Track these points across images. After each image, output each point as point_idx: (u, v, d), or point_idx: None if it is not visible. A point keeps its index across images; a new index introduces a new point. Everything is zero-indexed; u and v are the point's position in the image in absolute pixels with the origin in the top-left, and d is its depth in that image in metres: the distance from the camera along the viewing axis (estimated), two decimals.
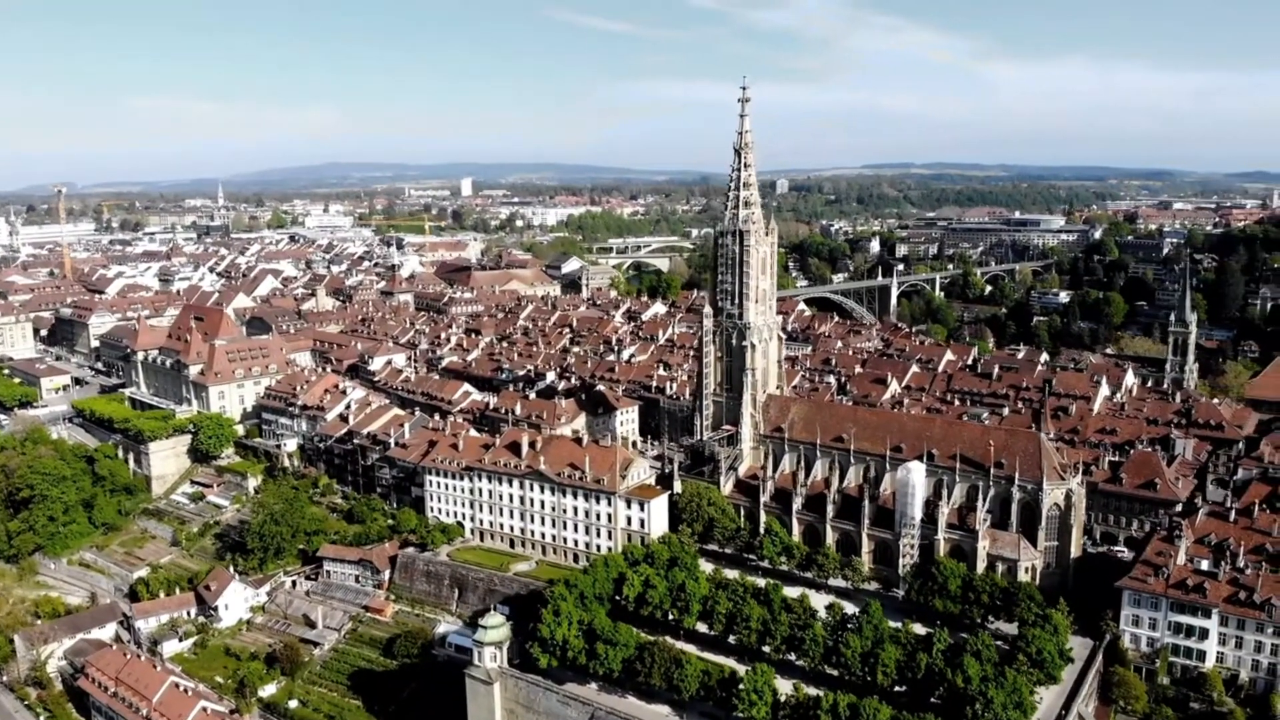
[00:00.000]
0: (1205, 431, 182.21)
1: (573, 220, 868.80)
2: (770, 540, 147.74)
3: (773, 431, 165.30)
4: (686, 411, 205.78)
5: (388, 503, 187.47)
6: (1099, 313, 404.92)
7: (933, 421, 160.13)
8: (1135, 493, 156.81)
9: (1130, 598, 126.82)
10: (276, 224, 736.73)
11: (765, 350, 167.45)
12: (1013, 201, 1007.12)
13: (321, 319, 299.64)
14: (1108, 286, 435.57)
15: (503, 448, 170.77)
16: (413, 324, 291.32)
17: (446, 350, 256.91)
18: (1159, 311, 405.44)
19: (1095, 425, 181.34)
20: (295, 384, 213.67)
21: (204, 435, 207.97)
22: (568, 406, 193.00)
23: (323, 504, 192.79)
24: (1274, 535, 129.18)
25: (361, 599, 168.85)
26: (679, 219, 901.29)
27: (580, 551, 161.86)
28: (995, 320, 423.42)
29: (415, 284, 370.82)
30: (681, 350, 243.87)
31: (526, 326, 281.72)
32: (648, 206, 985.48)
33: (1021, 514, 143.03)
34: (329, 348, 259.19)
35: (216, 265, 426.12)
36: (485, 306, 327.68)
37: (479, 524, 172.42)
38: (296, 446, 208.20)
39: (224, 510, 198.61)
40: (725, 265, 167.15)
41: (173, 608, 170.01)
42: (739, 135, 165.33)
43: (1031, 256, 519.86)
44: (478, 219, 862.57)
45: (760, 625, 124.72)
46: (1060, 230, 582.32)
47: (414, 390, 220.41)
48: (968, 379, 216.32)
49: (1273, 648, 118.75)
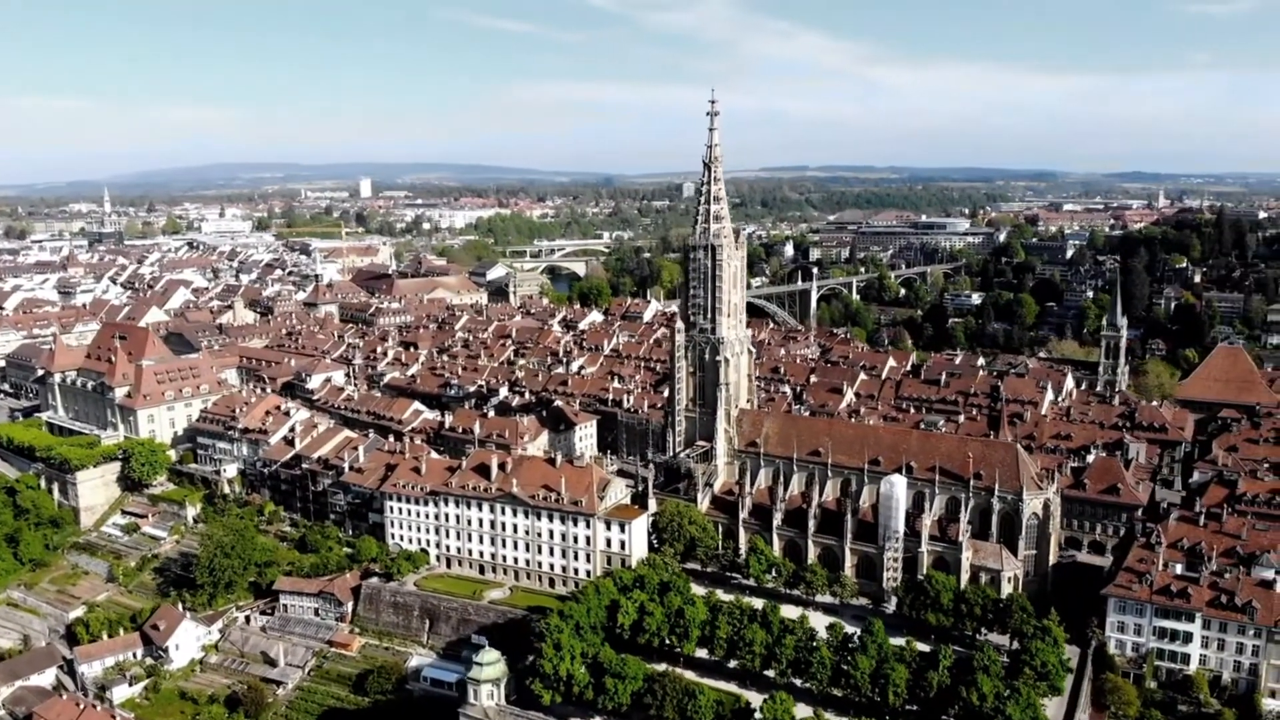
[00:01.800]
0: (1150, 434, 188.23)
1: (482, 223, 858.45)
2: (756, 558, 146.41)
3: (747, 446, 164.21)
4: (645, 425, 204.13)
5: (343, 530, 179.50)
6: (1012, 314, 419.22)
7: (909, 434, 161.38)
8: (1099, 498, 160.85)
9: (1116, 605, 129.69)
10: (172, 230, 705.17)
11: (737, 364, 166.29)
12: (909, 204, 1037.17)
13: (244, 333, 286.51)
14: (1017, 288, 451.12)
15: (470, 470, 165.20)
16: (341, 337, 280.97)
17: (384, 365, 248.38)
18: (1068, 312, 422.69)
19: (1050, 431, 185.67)
20: (233, 405, 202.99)
21: (136, 462, 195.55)
22: (530, 424, 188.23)
23: (270, 533, 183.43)
24: (1243, 538, 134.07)
25: (323, 633, 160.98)
26: (590, 221, 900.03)
27: (557, 576, 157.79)
28: (912, 322, 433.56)
29: (336, 293, 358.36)
30: (633, 361, 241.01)
31: (466, 338, 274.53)
32: (557, 209, 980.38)
33: (1001, 524, 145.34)
34: (259, 365, 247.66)
35: (118, 276, 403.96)
36: (415, 317, 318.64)
37: (445, 550, 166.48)
38: (237, 472, 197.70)
39: (162, 542, 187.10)
40: (697, 280, 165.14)
41: (118, 649, 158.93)
42: (707, 149, 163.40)
43: (940, 259, 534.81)
44: (382, 221, 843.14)
45: (764, 649, 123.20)
46: (966, 233, 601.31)
47: (359, 409, 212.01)
48: (916, 386, 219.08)
49: (1254, 649, 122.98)
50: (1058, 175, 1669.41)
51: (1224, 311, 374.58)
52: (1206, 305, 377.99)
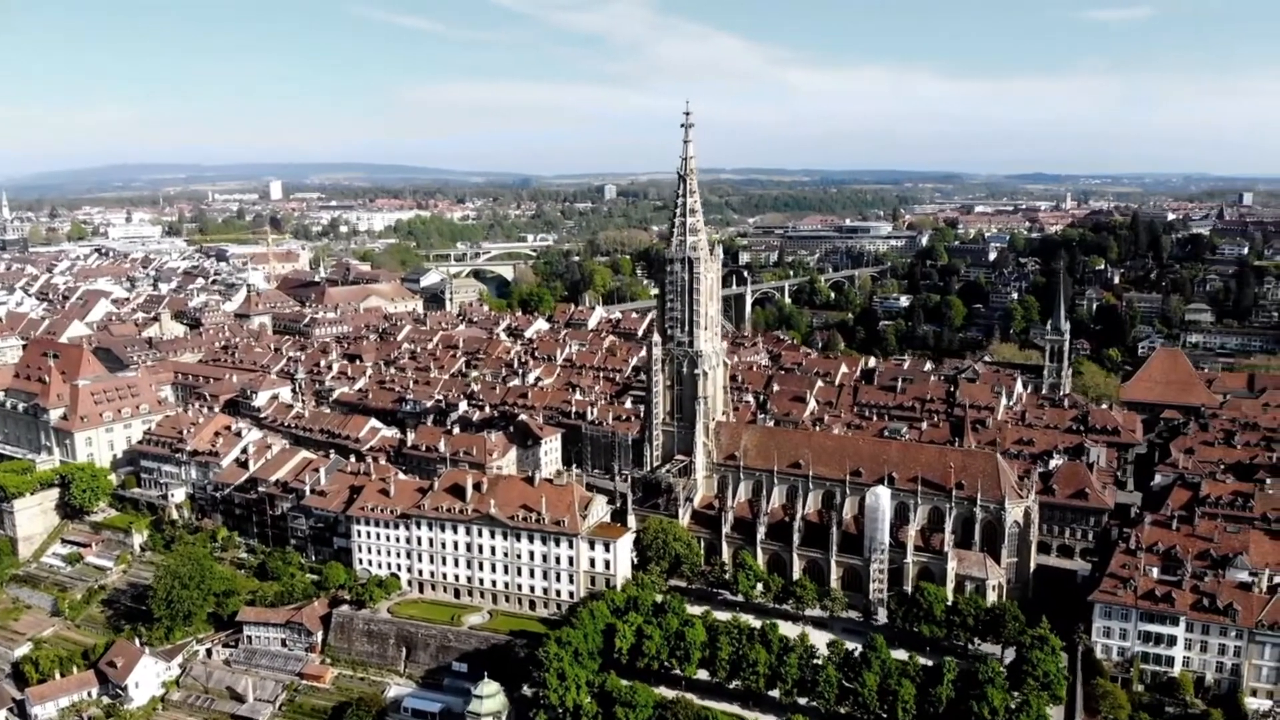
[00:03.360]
0: (1104, 437, 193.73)
1: (402, 225, 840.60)
2: (744, 574, 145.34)
3: (726, 459, 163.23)
4: (610, 438, 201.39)
5: (305, 556, 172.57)
6: (941, 316, 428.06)
7: (888, 445, 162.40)
8: (1068, 503, 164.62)
9: (1101, 610, 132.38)
10: (78, 236, 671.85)
11: (714, 377, 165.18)
12: (825, 206, 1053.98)
13: (174, 347, 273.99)
14: (944, 291, 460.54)
15: (443, 491, 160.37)
16: (279, 350, 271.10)
17: (330, 379, 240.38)
18: (994, 313, 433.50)
19: (1012, 437, 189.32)
20: (179, 426, 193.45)
21: (76, 488, 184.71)
22: (499, 440, 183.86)
23: (226, 560, 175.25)
24: (1215, 541, 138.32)
25: (292, 665, 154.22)
26: (513, 224, 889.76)
27: (538, 598, 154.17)
28: (844, 326, 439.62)
29: (268, 303, 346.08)
30: (590, 371, 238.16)
31: (412, 350, 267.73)
32: (478, 210, 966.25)
33: (983, 533, 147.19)
34: (197, 381, 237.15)
35: (29, 286, 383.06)
36: (354, 327, 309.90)
37: (417, 575, 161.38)
38: (186, 497, 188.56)
39: (108, 573, 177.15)
40: (674, 292, 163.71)
41: (72, 689, 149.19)
42: (682, 161, 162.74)
43: (866, 263, 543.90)
44: (298, 224, 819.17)
45: (768, 669, 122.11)
46: (889, 236, 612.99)
47: (310, 428, 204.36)
48: (874, 392, 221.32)
49: (1235, 649, 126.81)
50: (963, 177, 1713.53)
51: (1144, 311, 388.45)
52: (1128, 306, 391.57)
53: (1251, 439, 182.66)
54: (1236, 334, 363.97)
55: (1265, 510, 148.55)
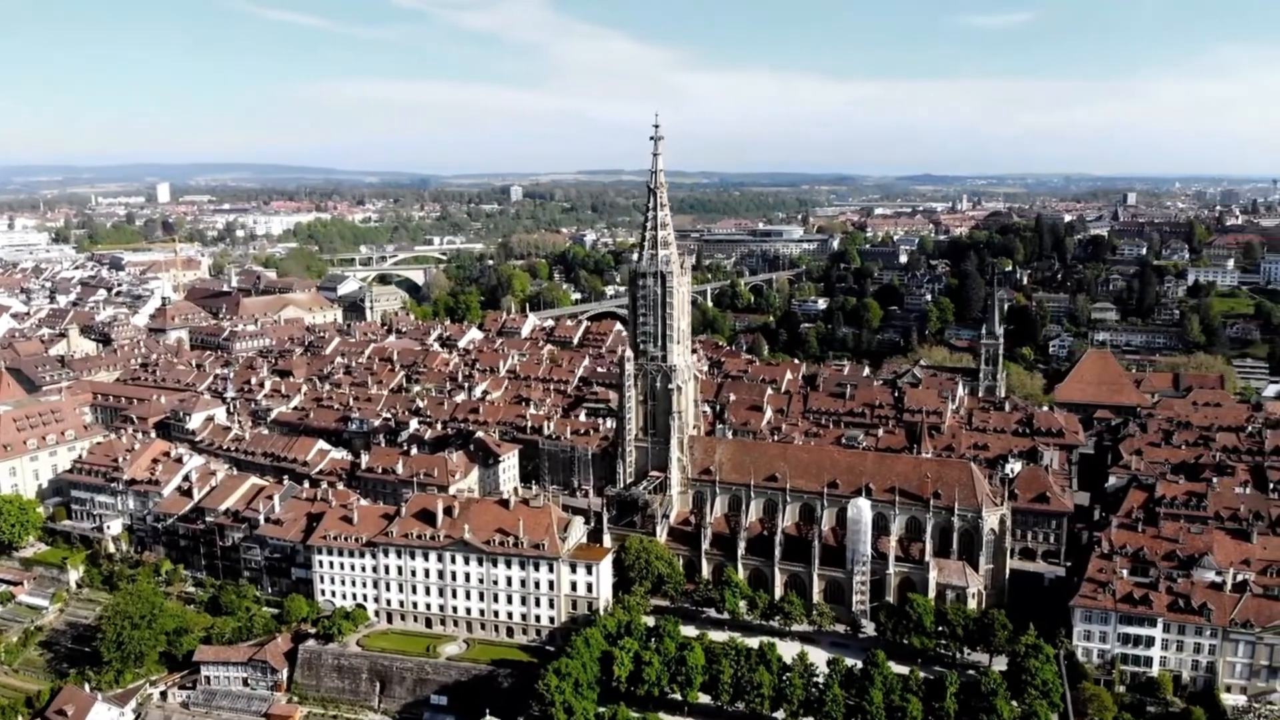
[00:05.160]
0: (1050, 439, 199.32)
1: (301, 229, 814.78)
2: (730, 592, 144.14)
3: (701, 474, 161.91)
4: (569, 453, 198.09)
5: (260, 589, 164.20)
6: (859, 319, 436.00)
7: (864, 456, 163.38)
8: (1030, 506, 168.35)
9: (1082, 614, 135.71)
10: None
11: (686, 391, 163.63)
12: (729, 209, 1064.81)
13: (88, 366, 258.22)
14: (860, 293, 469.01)
15: (411, 517, 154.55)
16: (201, 366, 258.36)
17: (264, 398, 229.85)
18: (909, 315, 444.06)
19: (966, 442, 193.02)
20: (112, 453, 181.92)
21: (4, 523, 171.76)
22: (460, 460, 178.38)
23: (172, 595, 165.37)
24: (1180, 542, 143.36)
25: (257, 705, 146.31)
26: (417, 226, 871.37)
27: (516, 625, 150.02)
28: (767, 329, 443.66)
29: (184, 316, 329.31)
30: (538, 383, 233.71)
31: (346, 364, 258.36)
32: (380, 212, 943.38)
33: (960, 541, 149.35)
34: (121, 403, 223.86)
35: None
36: (276, 340, 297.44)
37: (385, 605, 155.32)
38: (123, 528, 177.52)
39: (44, 612, 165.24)
40: (646, 307, 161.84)
41: None
42: (652, 174, 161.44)
43: (782, 266, 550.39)
44: (191, 229, 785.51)
45: (772, 690, 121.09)
46: (801, 240, 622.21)
47: (253, 451, 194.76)
48: (824, 399, 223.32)
49: (1210, 648, 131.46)
50: (856, 179, 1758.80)
51: (1053, 311, 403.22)
52: (1038, 306, 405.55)
53: (1189, 438, 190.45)
54: (1141, 331, 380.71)
55: (1218, 509, 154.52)
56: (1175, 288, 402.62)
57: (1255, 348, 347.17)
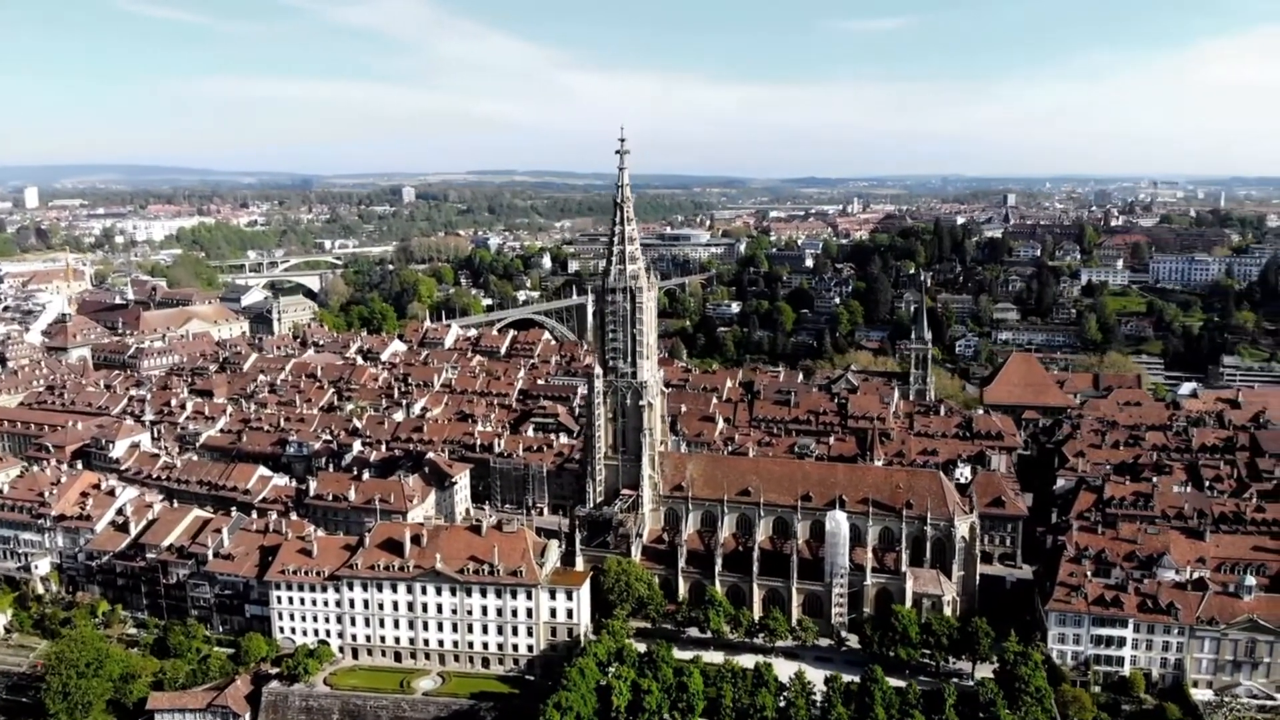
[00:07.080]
0: (990, 442, 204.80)
1: (185, 234, 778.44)
2: (714, 611, 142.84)
3: (672, 491, 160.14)
4: (523, 471, 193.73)
5: (210, 628, 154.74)
6: (773, 322, 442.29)
7: (835, 468, 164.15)
8: (987, 510, 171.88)
9: (1057, 618, 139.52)
10: None
11: (656, 407, 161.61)
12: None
13: None
14: (771, 297, 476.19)
15: (375, 547, 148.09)
16: (111, 387, 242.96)
17: (186, 421, 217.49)
18: (820, 318, 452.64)
19: (916, 448, 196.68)
20: (36, 487, 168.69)
21: None
22: (416, 484, 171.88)
23: (112, 638, 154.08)
24: (1139, 542, 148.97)
25: None
26: (307, 229, 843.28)
27: (492, 656, 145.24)
28: (684, 333, 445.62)
29: (86, 333, 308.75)
30: (480, 398, 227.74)
31: (271, 382, 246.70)
32: (265, 215, 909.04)
33: (933, 550, 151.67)
34: (30, 430, 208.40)
35: None
36: (186, 357, 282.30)
37: (351, 640, 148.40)
38: (52, 567, 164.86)
39: None
40: (614, 323, 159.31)
41: None
42: (618, 188, 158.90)
43: (692, 269, 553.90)
44: (66, 236, 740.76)
45: (775, 713, 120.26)
46: (708, 244, 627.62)
47: (187, 479, 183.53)
48: (768, 407, 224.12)
49: (1178, 645, 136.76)
50: (745, 182, 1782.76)
51: (958, 311, 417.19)
52: (943, 307, 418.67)
53: (1120, 438, 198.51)
54: (1042, 330, 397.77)
55: (1164, 509, 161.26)
56: (1070, 288, 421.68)
57: (1149, 345, 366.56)
